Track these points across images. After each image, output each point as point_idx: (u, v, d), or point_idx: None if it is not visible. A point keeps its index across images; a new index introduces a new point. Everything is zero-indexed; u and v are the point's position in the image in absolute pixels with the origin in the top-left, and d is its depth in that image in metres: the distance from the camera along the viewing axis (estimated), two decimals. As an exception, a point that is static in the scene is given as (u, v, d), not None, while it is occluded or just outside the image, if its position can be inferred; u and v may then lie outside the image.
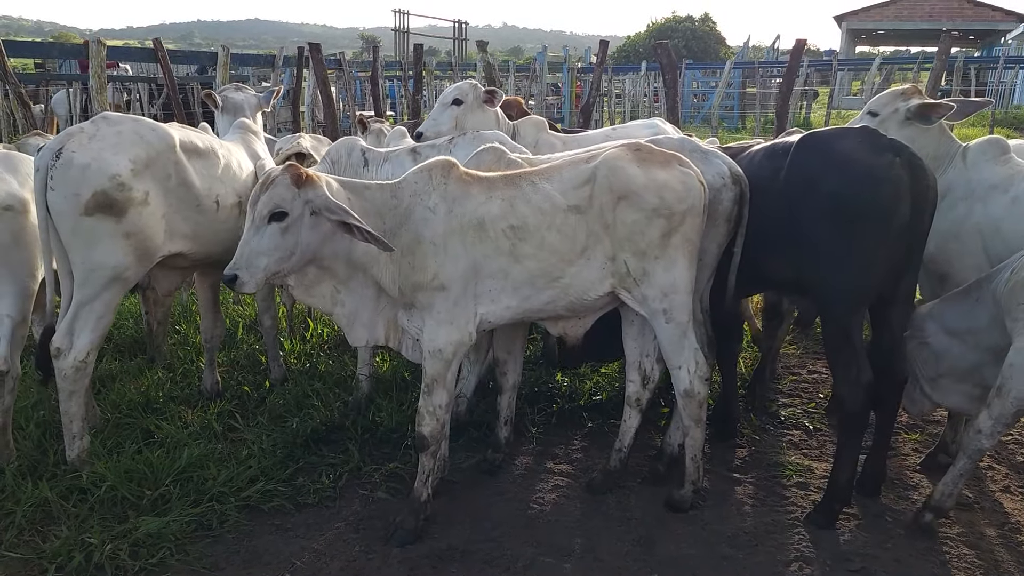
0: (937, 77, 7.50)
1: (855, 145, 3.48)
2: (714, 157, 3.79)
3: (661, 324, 3.48)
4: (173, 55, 9.06)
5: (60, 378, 3.73)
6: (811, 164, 3.52)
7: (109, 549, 3.26)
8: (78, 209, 3.59)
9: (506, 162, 3.85)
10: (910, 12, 40.32)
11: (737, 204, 3.71)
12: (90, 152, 3.64)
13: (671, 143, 3.89)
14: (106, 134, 3.75)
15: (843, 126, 4.18)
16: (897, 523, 3.66)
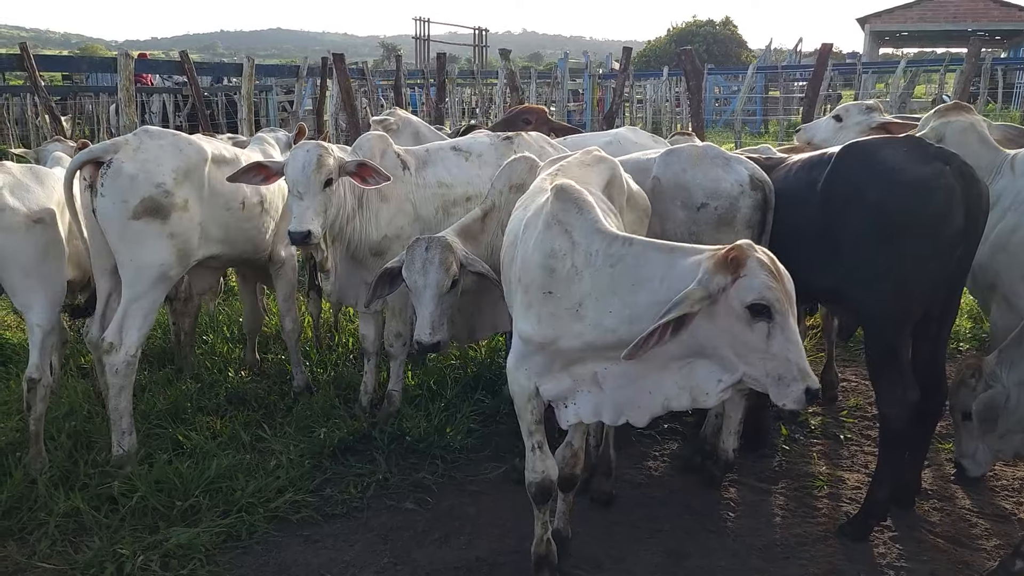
0: (967, 79, 7.40)
1: (902, 154, 3.37)
2: (736, 163, 3.78)
3: None
4: (199, 67, 9.16)
5: (111, 374, 3.95)
6: (855, 173, 3.42)
7: (141, 560, 3.29)
8: (127, 214, 3.86)
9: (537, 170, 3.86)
10: (934, 13, 39.89)
11: (759, 210, 3.66)
12: (137, 163, 3.92)
13: (694, 150, 3.87)
14: (149, 146, 4.02)
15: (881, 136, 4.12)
16: (933, 535, 3.59)
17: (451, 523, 3.74)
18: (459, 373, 5.14)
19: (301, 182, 3.88)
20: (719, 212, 3.67)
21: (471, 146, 4.75)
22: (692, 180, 3.76)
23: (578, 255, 2.69)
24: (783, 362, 2.42)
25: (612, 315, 2.62)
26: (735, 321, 2.43)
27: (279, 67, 14.51)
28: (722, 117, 25.11)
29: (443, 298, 3.61)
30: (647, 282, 2.55)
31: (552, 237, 2.75)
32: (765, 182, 3.71)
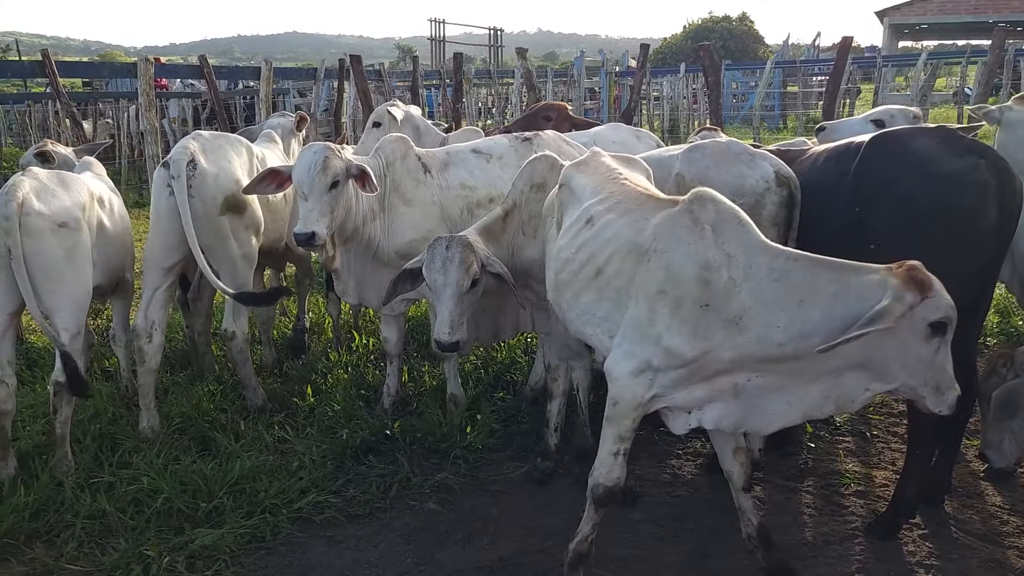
0: (990, 70, 7.30)
1: (934, 145, 3.30)
2: (761, 160, 3.72)
3: None
4: (218, 71, 9.22)
5: (236, 353, 4.64)
6: (886, 164, 3.36)
7: (166, 561, 3.31)
8: (216, 211, 4.27)
9: (559, 169, 3.84)
10: (955, 5, 39.37)
11: (786, 207, 3.61)
12: (215, 164, 4.34)
13: (718, 147, 3.83)
14: (216, 148, 4.45)
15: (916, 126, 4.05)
16: (963, 533, 3.54)
17: (474, 523, 3.73)
18: (480, 373, 5.13)
19: (306, 183, 3.91)
20: (744, 209, 3.61)
21: (491, 148, 4.74)
22: (716, 177, 3.68)
23: (735, 268, 2.70)
24: (942, 372, 2.59)
25: (780, 330, 2.64)
26: (913, 336, 2.53)
27: (296, 70, 14.57)
28: (740, 113, 24.91)
29: (463, 298, 3.58)
30: (818, 298, 2.61)
31: (705, 249, 2.74)
32: (791, 179, 3.66)
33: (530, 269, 3.91)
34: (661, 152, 4.11)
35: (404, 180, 4.39)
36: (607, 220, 3.06)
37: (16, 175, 4.03)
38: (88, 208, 4.13)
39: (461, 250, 3.58)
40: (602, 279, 3.01)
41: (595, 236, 3.07)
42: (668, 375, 2.83)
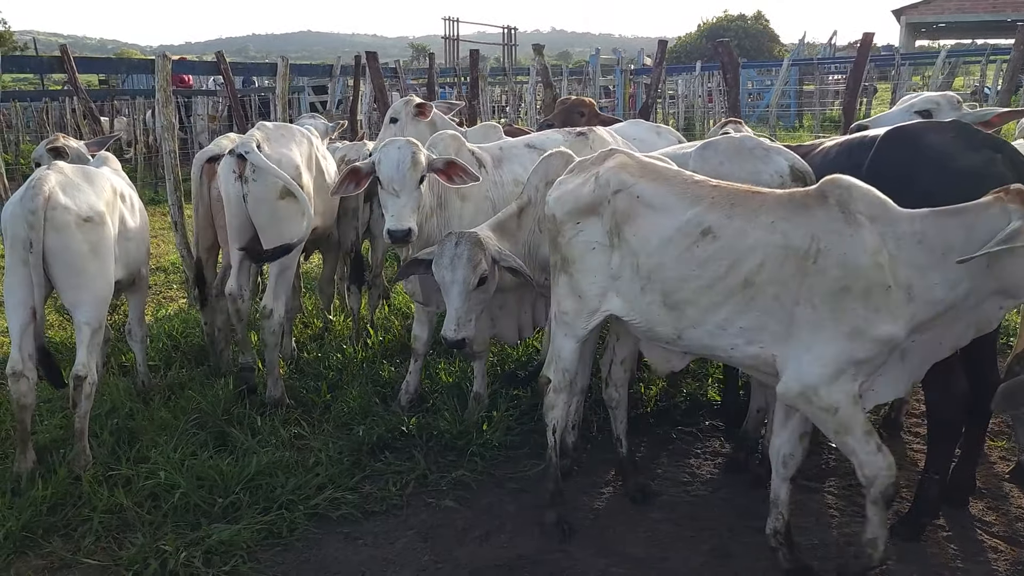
0: (1015, 69, 7.20)
1: (949, 140, 3.27)
2: (776, 154, 3.68)
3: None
4: (234, 68, 9.23)
5: (268, 333, 4.70)
6: (901, 159, 3.32)
7: (183, 556, 3.30)
8: (275, 196, 4.43)
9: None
10: (973, 4, 39.01)
11: None
12: (276, 153, 4.54)
13: (731, 142, 3.78)
14: (276, 136, 4.66)
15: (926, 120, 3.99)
16: (988, 534, 3.48)
17: (492, 521, 3.70)
18: (497, 370, 5.11)
19: (397, 180, 3.90)
20: None
21: (544, 143, 4.73)
22: (730, 173, 3.59)
23: (890, 242, 2.78)
24: None
25: (938, 287, 2.75)
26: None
27: (312, 67, 14.59)
28: (756, 112, 24.81)
29: (471, 294, 3.59)
30: (954, 245, 2.72)
31: (866, 234, 2.78)
32: (807, 173, 3.63)
33: (547, 266, 3.88)
34: (676, 149, 4.05)
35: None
36: (737, 228, 2.93)
37: (41, 169, 4.04)
38: (111, 203, 4.14)
39: (470, 247, 3.58)
40: (752, 289, 2.90)
41: (728, 247, 2.93)
42: (872, 363, 2.85)
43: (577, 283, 3.29)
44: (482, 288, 3.65)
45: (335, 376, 5.12)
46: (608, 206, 3.18)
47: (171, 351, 5.59)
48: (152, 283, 8.07)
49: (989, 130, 3.94)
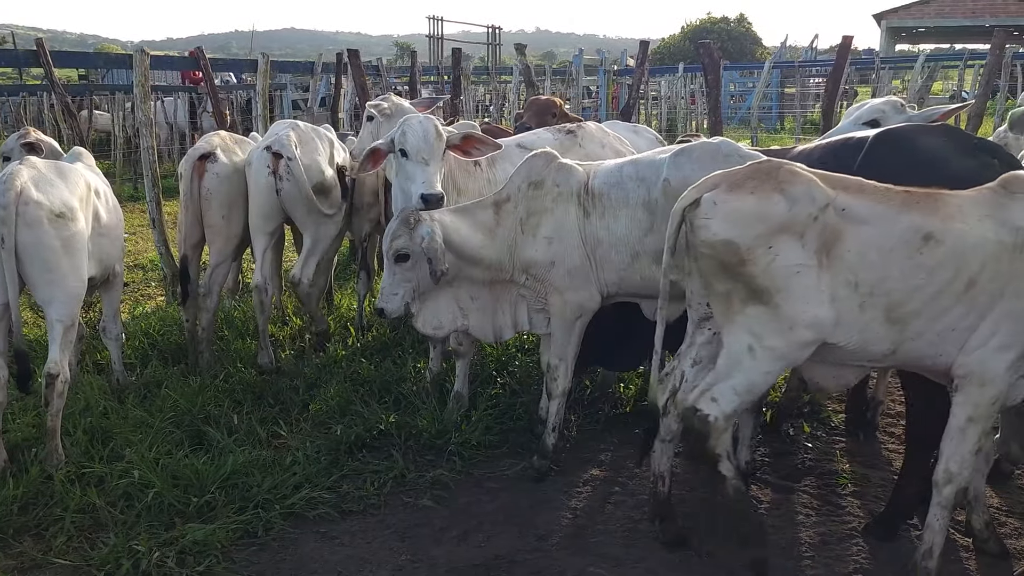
0: (990, 73, 7.28)
1: (942, 143, 3.31)
2: (751, 160, 3.53)
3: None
4: (214, 63, 9.15)
5: (303, 295, 5.36)
6: (894, 163, 3.33)
7: (156, 556, 3.26)
8: (308, 193, 5.00)
9: (555, 167, 3.82)
10: (952, 9, 39.47)
11: None
12: (307, 155, 5.08)
13: (706, 149, 3.65)
14: (305, 139, 5.20)
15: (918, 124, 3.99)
16: (961, 534, 3.51)
17: (469, 520, 3.69)
18: (476, 369, 5.09)
19: (425, 149, 3.98)
20: None
21: (535, 143, 4.76)
22: None
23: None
24: None
25: None
26: None
27: (294, 64, 14.51)
28: (738, 114, 24.94)
29: (394, 268, 3.82)
30: None
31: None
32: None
33: (529, 268, 3.89)
34: (653, 154, 3.97)
35: (456, 170, 4.48)
36: (957, 229, 2.85)
37: (13, 164, 3.98)
38: (85, 199, 4.09)
39: (398, 224, 3.80)
40: (975, 290, 2.85)
41: (953, 251, 2.85)
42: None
43: (785, 313, 2.93)
44: (404, 266, 3.80)
45: (314, 374, 5.10)
46: (814, 224, 2.89)
47: (148, 349, 5.53)
48: (130, 280, 7.99)
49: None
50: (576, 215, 3.80)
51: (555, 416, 4.06)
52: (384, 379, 4.99)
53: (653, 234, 3.64)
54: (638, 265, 3.75)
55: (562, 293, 3.86)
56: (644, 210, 3.69)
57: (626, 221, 3.73)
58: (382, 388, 4.88)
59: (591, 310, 3.92)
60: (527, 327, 4.15)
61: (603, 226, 3.77)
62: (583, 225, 3.80)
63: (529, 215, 3.84)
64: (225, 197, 5.10)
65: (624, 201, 3.73)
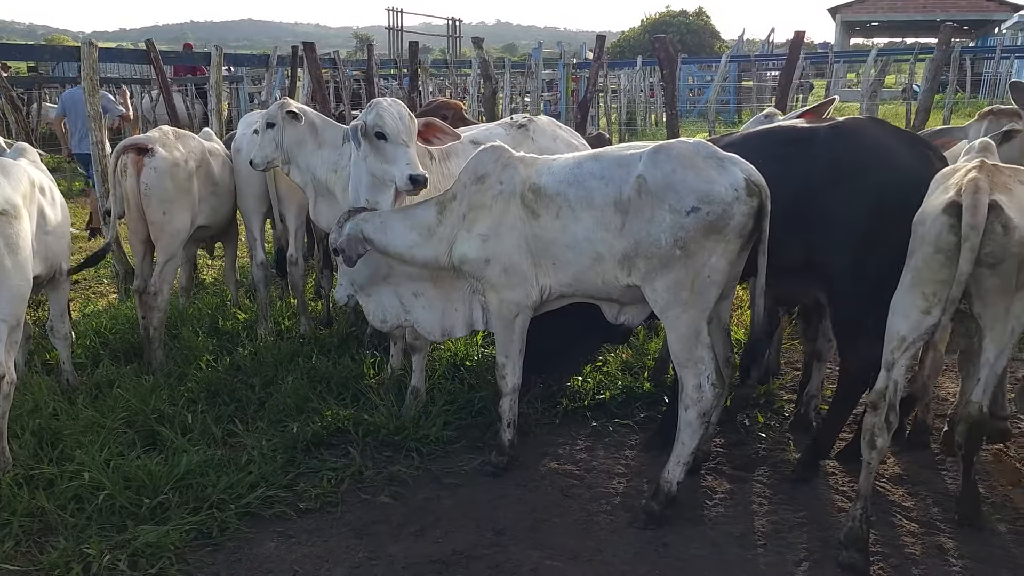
0: (936, 68, 7.44)
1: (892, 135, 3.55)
2: (731, 164, 3.41)
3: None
4: (166, 56, 8.98)
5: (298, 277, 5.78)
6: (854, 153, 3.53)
7: (108, 560, 3.21)
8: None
9: (502, 164, 3.80)
10: (904, 4, 40.31)
11: (754, 219, 3.36)
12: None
13: (686, 148, 3.47)
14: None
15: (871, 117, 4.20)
16: (907, 520, 3.61)
17: (427, 516, 3.69)
18: (435, 365, 5.09)
19: (404, 130, 3.96)
20: (711, 218, 3.30)
21: (487, 138, 4.70)
22: (683, 181, 3.35)
23: None
24: None
25: None
26: None
27: (248, 56, 14.24)
28: (696, 107, 25.18)
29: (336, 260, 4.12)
30: None
31: None
32: (762, 187, 3.39)
33: (463, 264, 3.86)
34: (621, 150, 3.87)
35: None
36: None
37: None
38: (28, 195, 3.99)
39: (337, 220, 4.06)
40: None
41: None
42: None
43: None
44: (339, 259, 4.03)
45: (270, 372, 5.04)
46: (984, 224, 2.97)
47: (99, 348, 5.43)
48: (81, 278, 7.83)
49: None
50: (519, 214, 3.70)
51: (508, 412, 4.06)
52: (342, 375, 4.96)
53: (623, 237, 3.48)
54: (601, 268, 3.58)
55: (498, 291, 3.82)
56: (615, 211, 3.48)
57: (590, 222, 3.53)
58: (340, 385, 4.86)
59: (530, 308, 3.86)
60: (482, 326, 4.15)
61: (558, 227, 3.61)
62: (528, 225, 3.69)
63: (470, 209, 3.82)
64: (165, 193, 4.98)
65: (587, 202, 3.53)
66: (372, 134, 3.96)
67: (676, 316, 3.44)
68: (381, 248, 3.96)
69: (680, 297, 3.39)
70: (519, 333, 3.92)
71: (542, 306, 3.92)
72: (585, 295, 3.83)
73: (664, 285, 3.40)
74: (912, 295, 3.12)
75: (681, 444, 3.56)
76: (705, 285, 3.38)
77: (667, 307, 3.45)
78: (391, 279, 4.11)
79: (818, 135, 3.73)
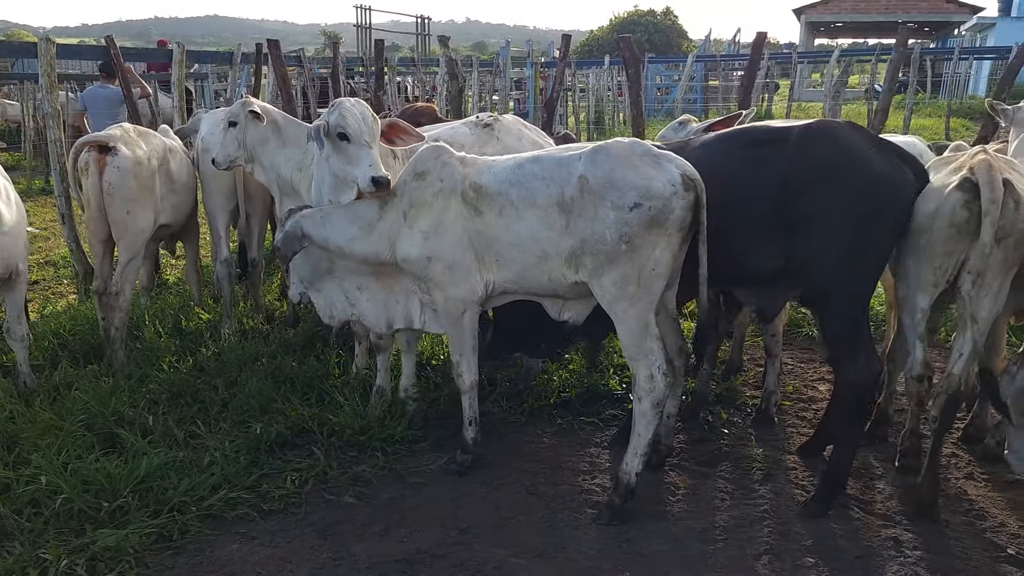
0: (895, 68, 7.57)
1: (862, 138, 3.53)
2: (667, 161, 3.51)
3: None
4: (127, 53, 8.84)
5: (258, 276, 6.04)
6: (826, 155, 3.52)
7: (65, 565, 3.17)
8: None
9: (442, 162, 3.83)
10: (867, 5, 40.93)
11: (692, 211, 3.47)
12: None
13: (623, 147, 3.55)
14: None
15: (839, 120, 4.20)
16: (865, 513, 3.67)
17: (392, 515, 3.69)
18: (399, 362, 5.07)
19: (367, 131, 3.92)
20: (652, 213, 3.39)
21: (452, 137, 4.73)
22: (623, 179, 3.44)
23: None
24: None
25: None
26: None
27: (211, 54, 14.09)
28: (663, 106, 25.35)
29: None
30: None
31: None
32: (697, 181, 3.49)
33: (407, 265, 3.89)
34: (561, 151, 3.84)
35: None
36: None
37: None
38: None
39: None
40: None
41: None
42: None
43: None
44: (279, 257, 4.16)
45: (234, 372, 5.00)
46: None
47: (58, 349, 5.34)
48: (40, 278, 7.70)
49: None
50: (460, 211, 3.74)
51: (468, 410, 4.07)
52: (307, 375, 4.93)
53: (569, 235, 3.54)
54: (547, 265, 3.64)
55: (444, 289, 3.84)
56: (558, 210, 3.55)
57: (534, 221, 3.60)
58: (305, 385, 4.82)
59: (477, 304, 3.89)
60: (419, 323, 4.17)
61: (501, 225, 3.66)
62: (471, 221, 3.73)
63: (411, 206, 3.84)
64: (129, 192, 4.92)
65: (530, 201, 3.60)
66: (335, 135, 3.93)
67: (624, 310, 3.51)
68: (321, 242, 3.99)
69: (627, 291, 3.48)
70: (469, 330, 3.95)
71: (487, 302, 3.96)
72: (529, 292, 3.88)
73: (611, 280, 3.48)
74: (926, 270, 3.48)
75: (637, 435, 3.62)
76: (650, 278, 3.48)
77: (615, 301, 3.52)
78: (335, 273, 4.18)
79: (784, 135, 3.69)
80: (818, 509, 3.65)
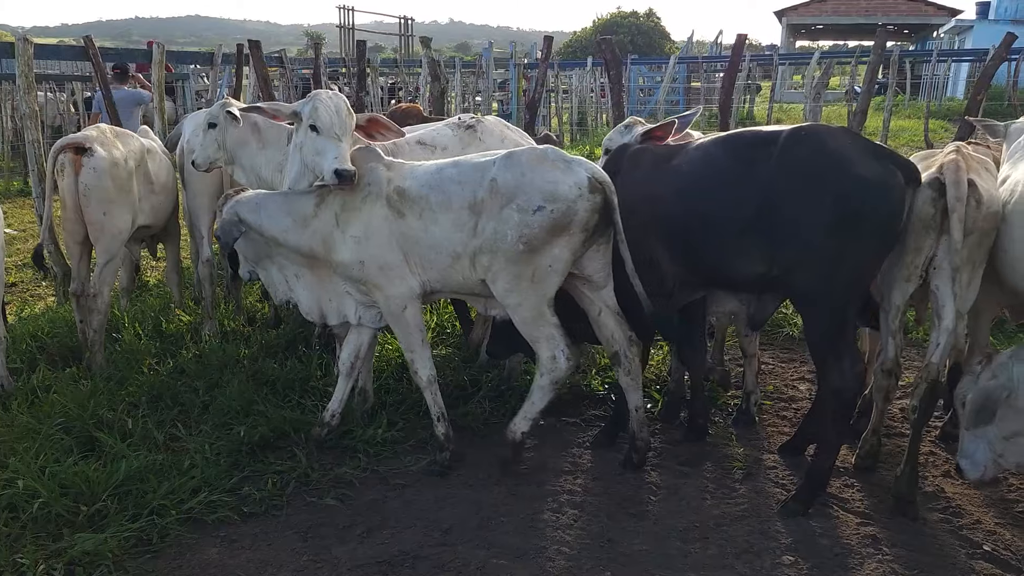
0: (873, 70, 7.63)
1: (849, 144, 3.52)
2: (576, 166, 3.67)
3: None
4: (106, 53, 8.77)
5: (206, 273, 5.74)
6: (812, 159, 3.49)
7: (42, 569, 3.14)
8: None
9: (371, 167, 3.90)
10: (847, 7, 41.22)
11: (599, 213, 3.62)
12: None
13: (534, 153, 3.74)
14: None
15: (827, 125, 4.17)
16: (844, 511, 3.71)
17: (373, 517, 3.68)
18: (382, 366, 5.07)
19: (338, 124, 3.91)
20: (555, 216, 3.55)
21: (435, 139, 4.80)
22: (531, 183, 3.60)
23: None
24: None
25: None
26: None
27: (192, 54, 14.00)
28: (646, 107, 25.43)
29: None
30: None
31: None
32: (605, 183, 3.64)
33: (341, 271, 3.97)
34: (478, 157, 3.95)
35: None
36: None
37: None
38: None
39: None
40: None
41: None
42: None
43: None
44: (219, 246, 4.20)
45: (216, 374, 4.97)
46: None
47: (36, 352, 5.29)
48: (18, 280, 7.63)
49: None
50: (385, 214, 3.83)
51: (434, 406, 4.08)
52: (289, 377, 4.91)
53: (476, 236, 3.68)
54: (459, 266, 3.80)
55: (382, 289, 3.91)
56: (469, 212, 3.69)
57: (448, 224, 3.74)
58: (287, 387, 4.81)
59: (418, 299, 3.96)
60: (354, 320, 4.23)
61: (421, 227, 3.78)
62: (396, 224, 3.82)
63: (343, 209, 3.90)
64: (105, 193, 4.89)
65: (446, 205, 3.73)
66: (306, 125, 3.98)
67: (517, 303, 3.71)
68: (256, 229, 4.01)
69: (520, 287, 3.65)
70: (415, 325, 4.00)
71: (427, 297, 4.05)
72: (452, 291, 4.05)
73: (505, 278, 3.65)
74: (898, 266, 3.63)
75: (531, 403, 3.92)
76: (545, 274, 3.64)
77: (507, 294, 3.70)
78: (273, 259, 4.23)
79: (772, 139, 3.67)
80: (798, 508, 3.68)
